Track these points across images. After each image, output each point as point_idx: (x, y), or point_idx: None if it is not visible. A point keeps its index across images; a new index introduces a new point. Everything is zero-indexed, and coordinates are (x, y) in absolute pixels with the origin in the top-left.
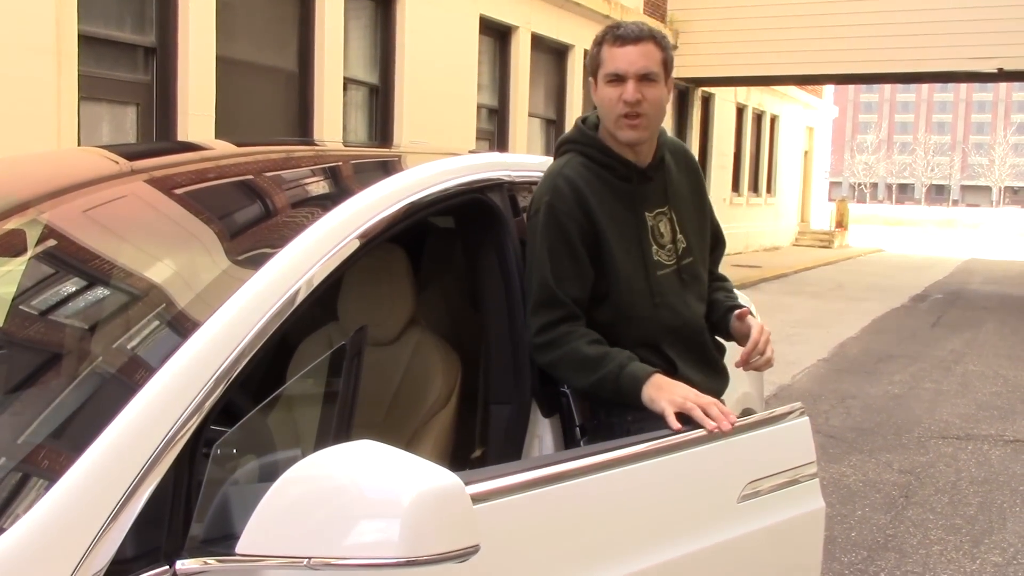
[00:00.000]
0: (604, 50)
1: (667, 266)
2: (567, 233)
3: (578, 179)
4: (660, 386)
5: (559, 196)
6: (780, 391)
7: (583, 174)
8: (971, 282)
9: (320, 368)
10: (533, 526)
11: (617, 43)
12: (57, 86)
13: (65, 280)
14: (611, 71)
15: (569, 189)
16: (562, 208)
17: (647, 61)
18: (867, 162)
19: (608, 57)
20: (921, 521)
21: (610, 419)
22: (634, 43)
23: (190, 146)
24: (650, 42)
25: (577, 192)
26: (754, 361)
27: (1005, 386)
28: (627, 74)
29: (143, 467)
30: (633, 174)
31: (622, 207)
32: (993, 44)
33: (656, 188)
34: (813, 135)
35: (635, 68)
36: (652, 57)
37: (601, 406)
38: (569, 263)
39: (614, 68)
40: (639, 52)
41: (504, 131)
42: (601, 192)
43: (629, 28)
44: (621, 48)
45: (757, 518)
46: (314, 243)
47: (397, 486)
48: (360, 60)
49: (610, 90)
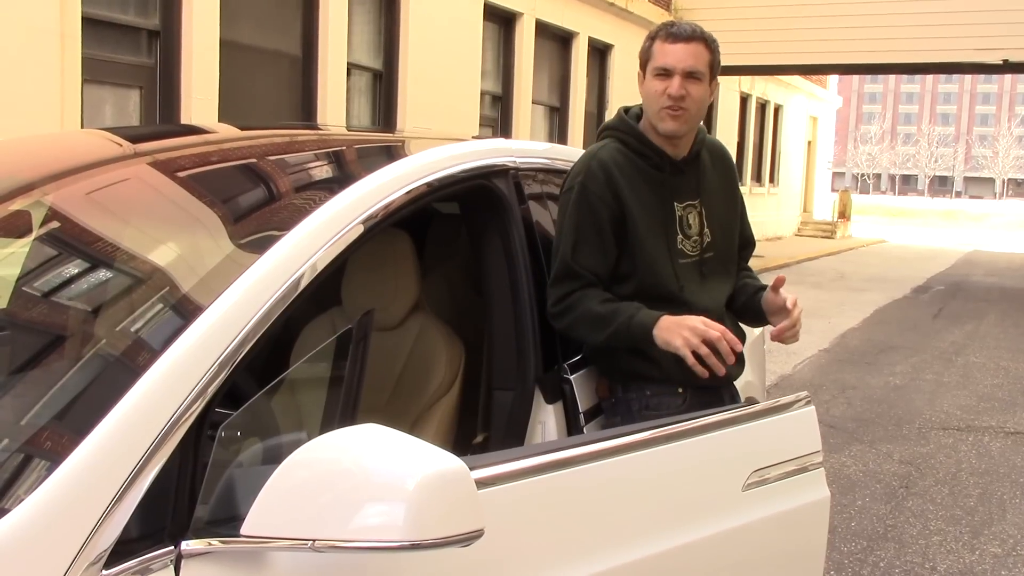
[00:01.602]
0: (656, 45)
1: (689, 256)
2: (596, 212)
3: (611, 163)
4: (668, 327)
5: (592, 177)
6: (781, 381)
7: (617, 159)
8: (973, 274)
9: (325, 352)
10: (536, 512)
11: (669, 40)
12: (61, 68)
13: (69, 262)
14: (660, 65)
15: (602, 172)
16: (593, 189)
17: (695, 60)
18: (871, 153)
19: (659, 52)
20: (921, 512)
21: (627, 395)
22: (685, 41)
23: (193, 129)
24: (700, 42)
25: (609, 175)
26: (788, 335)
27: (1006, 378)
28: (675, 70)
29: (148, 449)
30: (666, 164)
31: (653, 194)
32: (998, 36)
33: (689, 181)
34: (817, 125)
35: (683, 65)
36: (700, 57)
37: (618, 382)
38: (593, 239)
39: (663, 63)
40: (689, 51)
41: (507, 118)
42: (633, 177)
43: (682, 27)
44: (672, 45)
45: (762, 506)
46: (318, 228)
47: (402, 469)
48: (364, 45)
49: (656, 83)
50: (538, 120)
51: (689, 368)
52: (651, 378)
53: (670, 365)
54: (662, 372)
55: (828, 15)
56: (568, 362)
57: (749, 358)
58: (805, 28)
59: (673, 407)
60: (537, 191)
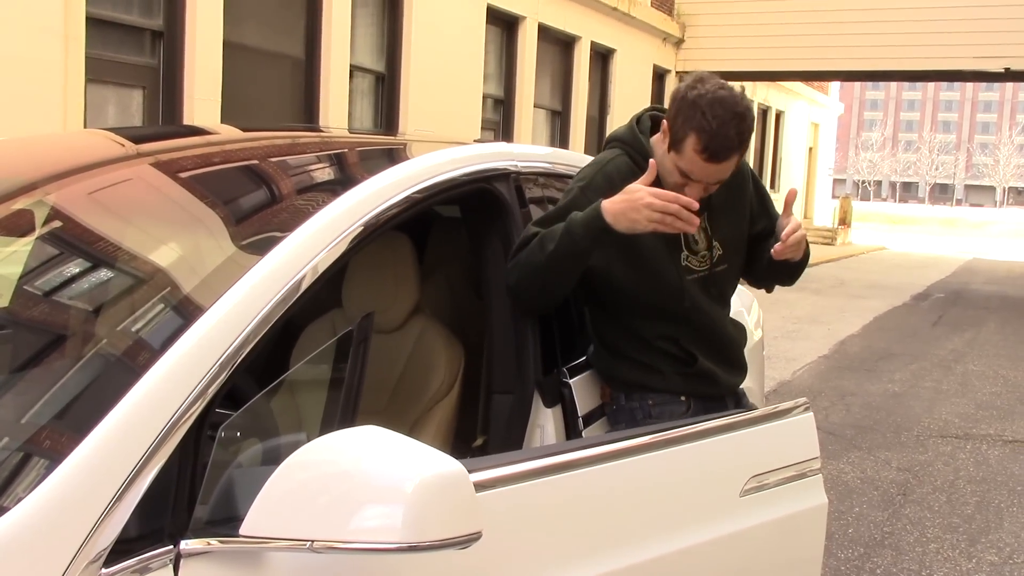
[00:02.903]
0: (689, 146)
1: (696, 271)
2: (581, 208)
3: (617, 177)
4: (622, 211)
5: (594, 189)
6: (780, 387)
7: (625, 174)
8: (973, 282)
9: (325, 354)
10: (534, 516)
11: (704, 155)
12: (64, 68)
13: (70, 262)
14: (685, 170)
15: (606, 185)
16: (591, 198)
17: (724, 175)
18: (872, 160)
19: (689, 158)
20: (918, 519)
21: (630, 404)
22: (719, 162)
23: (196, 130)
24: (737, 154)
25: (613, 189)
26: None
27: (1005, 386)
28: (701, 181)
29: (148, 448)
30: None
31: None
32: (1000, 44)
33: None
34: (818, 132)
35: (710, 180)
36: (730, 168)
37: (620, 390)
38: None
39: (689, 171)
40: (720, 169)
41: (510, 121)
42: None
43: (721, 143)
44: (705, 162)
45: (760, 512)
46: (320, 230)
47: (401, 472)
48: (367, 48)
49: (677, 175)
50: (540, 124)
51: (693, 378)
52: (652, 388)
53: (672, 375)
54: (664, 382)
55: (830, 22)
56: (567, 366)
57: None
58: (807, 35)
59: (677, 415)
60: (538, 195)
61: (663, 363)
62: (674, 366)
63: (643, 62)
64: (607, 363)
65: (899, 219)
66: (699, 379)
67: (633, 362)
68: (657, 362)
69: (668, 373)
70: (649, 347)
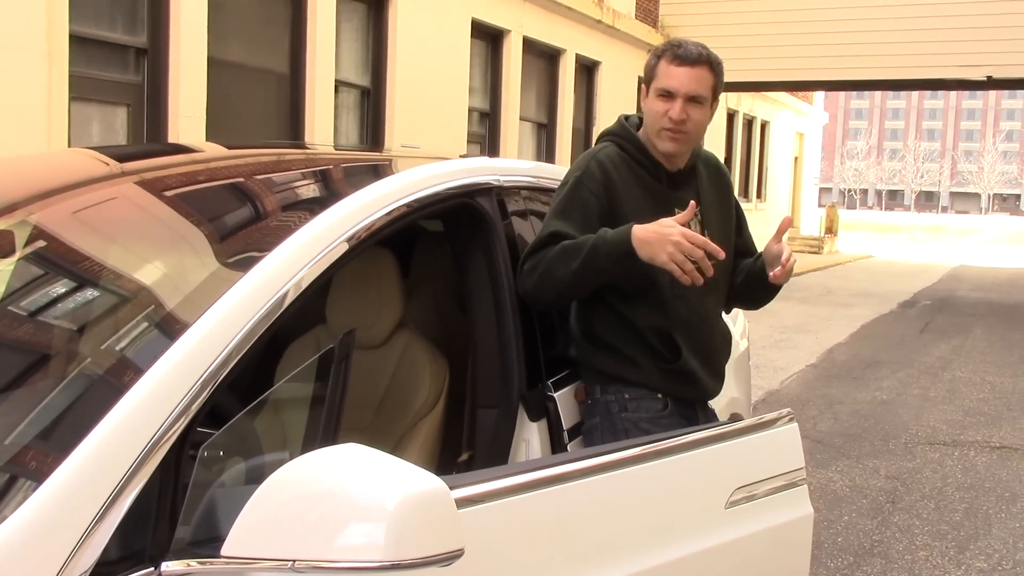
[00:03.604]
0: (661, 65)
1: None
2: (586, 202)
3: (610, 164)
4: (649, 239)
5: (589, 175)
6: (768, 396)
7: (616, 162)
8: (959, 289)
9: (308, 371)
10: (519, 531)
11: (675, 62)
12: (48, 86)
13: (54, 281)
14: (663, 87)
15: (600, 171)
16: (588, 184)
17: (698, 85)
18: (857, 168)
19: (663, 73)
20: (907, 527)
21: (606, 397)
22: (691, 65)
23: (180, 148)
24: (705, 66)
25: (606, 174)
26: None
27: (992, 392)
28: (677, 93)
29: (129, 469)
30: (663, 176)
31: (652, 200)
32: (982, 52)
33: (687, 194)
34: (803, 141)
35: (686, 89)
36: (704, 82)
37: (596, 383)
38: (577, 220)
39: (666, 85)
40: (693, 75)
41: (495, 135)
42: (630, 182)
43: (689, 49)
44: (678, 68)
45: (745, 524)
46: (303, 246)
47: (383, 490)
48: (352, 62)
49: (659, 104)
50: (526, 137)
51: (672, 376)
52: (629, 381)
53: (651, 370)
54: (643, 375)
55: (814, 32)
56: (552, 380)
57: (734, 374)
58: (791, 45)
59: (653, 411)
60: (521, 208)
61: (644, 356)
62: (655, 361)
63: (628, 74)
64: (588, 352)
65: (885, 227)
66: (679, 378)
67: (614, 352)
68: (638, 355)
69: (647, 367)
70: (635, 337)
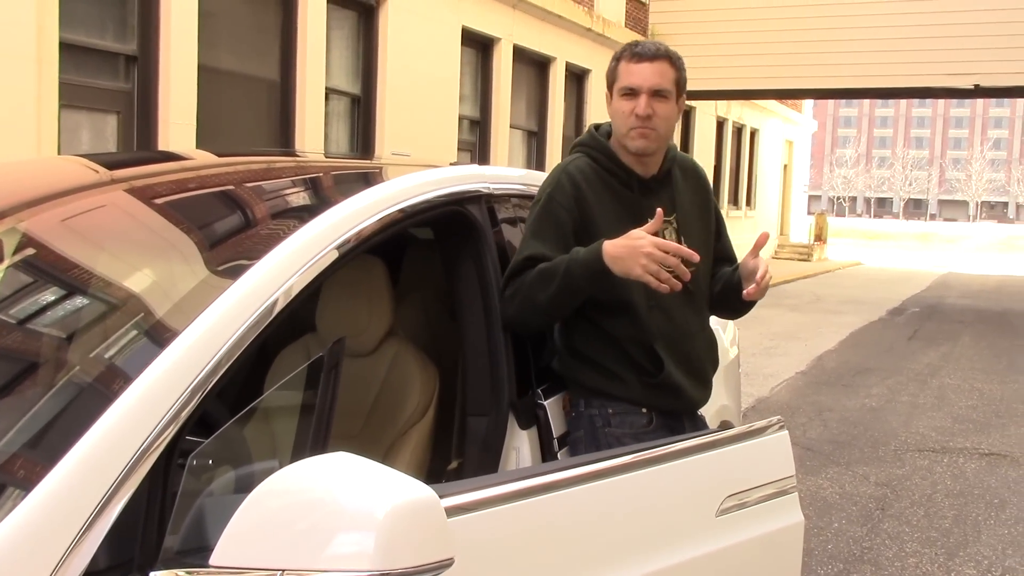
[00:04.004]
0: (621, 65)
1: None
2: (559, 217)
3: (580, 176)
4: (620, 255)
5: (560, 190)
6: (758, 403)
7: (587, 173)
8: (948, 296)
9: (298, 379)
10: (509, 539)
11: (634, 59)
12: (38, 94)
13: (43, 289)
14: (626, 85)
15: (570, 184)
16: (560, 200)
17: (660, 79)
18: (846, 176)
19: (624, 72)
20: (897, 534)
21: (589, 411)
22: (650, 60)
23: (170, 156)
24: (665, 60)
25: (577, 188)
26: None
27: (981, 399)
28: (640, 89)
29: (118, 477)
30: (635, 183)
31: (623, 210)
32: (970, 61)
33: (661, 199)
34: (793, 149)
35: (648, 84)
36: (666, 75)
37: (580, 396)
38: (552, 238)
39: (628, 83)
40: (654, 69)
41: (486, 143)
42: (601, 192)
43: (646, 46)
44: (637, 64)
45: (736, 532)
46: (293, 254)
47: (372, 499)
48: (342, 70)
49: (624, 103)
50: (516, 144)
51: (656, 389)
52: (612, 396)
53: (634, 384)
54: (626, 390)
55: (802, 40)
56: (542, 387)
57: (724, 382)
58: (780, 53)
59: (637, 426)
60: (511, 216)
61: (627, 371)
62: (638, 375)
63: None
64: (571, 366)
65: (874, 234)
66: (662, 391)
67: (597, 367)
68: (621, 369)
69: (631, 382)
70: (616, 350)
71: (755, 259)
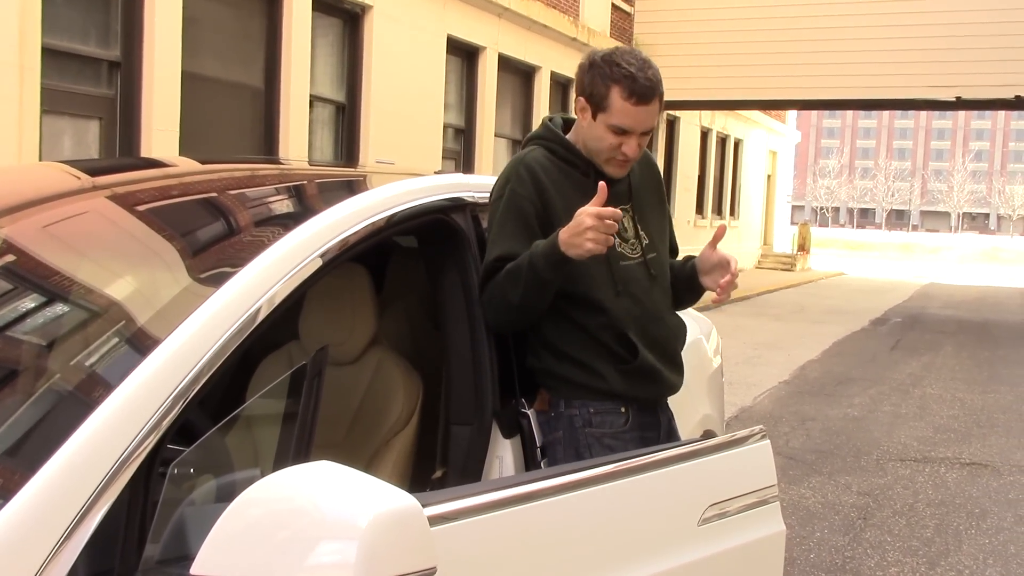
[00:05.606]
0: (615, 99)
1: (631, 258)
2: (523, 211)
3: (538, 167)
4: (571, 241)
5: (519, 181)
6: (741, 413)
7: (544, 164)
8: (930, 306)
9: (280, 388)
10: (492, 548)
11: (631, 100)
12: (19, 99)
13: (23, 296)
14: (619, 125)
15: (529, 176)
16: (520, 191)
17: (652, 119)
18: (829, 186)
19: (619, 111)
20: (879, 543)
21: (570, 411)
22: (647, 103)
23: (153, 163)
24: (658, 99)
25: (536, 178)
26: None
27: (962, 409)
28: (634, 131)
29: (98, 486)
30: (591, 171)
31: (582, 198)
32: (952, 73)
33: (620, 187)
34: (776, 159)
35: (643, 127)
36: (655, 114)
37: (561, 396)
38: (521, 234)
39: (622, 124)
40: (649, 112)
41: (471, 151)
42: (560, 182)
43: (644, 85)
44: (635, 107)
45: (718, 541)
46: (276, 261)
47: (355, 508)
48: (327, 78)
49: (611, 136)
50: (501, 153)
51: (633, 376)
52: (595, 391)
53: (613, 376)
54: (606, 384)
55: (786, 51)
56: (525, 396)
57: (707, 391)
58: (764, 64)
59: (616, 425)
60: None
61: (603, 363)
62: (615, 363)
63: None
64: (548, 363)
65: (857, 245)
66: (640, 376)
67: (573, 361)
68: (597, 362)
69: (608, 372)
70: (590, 341)
71: (715, 251)
